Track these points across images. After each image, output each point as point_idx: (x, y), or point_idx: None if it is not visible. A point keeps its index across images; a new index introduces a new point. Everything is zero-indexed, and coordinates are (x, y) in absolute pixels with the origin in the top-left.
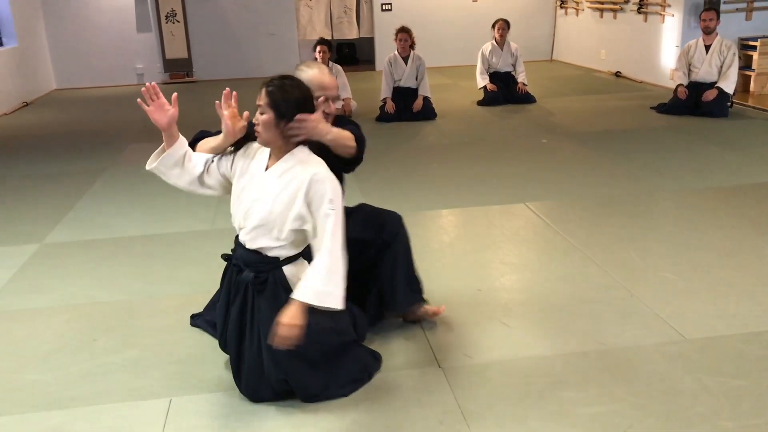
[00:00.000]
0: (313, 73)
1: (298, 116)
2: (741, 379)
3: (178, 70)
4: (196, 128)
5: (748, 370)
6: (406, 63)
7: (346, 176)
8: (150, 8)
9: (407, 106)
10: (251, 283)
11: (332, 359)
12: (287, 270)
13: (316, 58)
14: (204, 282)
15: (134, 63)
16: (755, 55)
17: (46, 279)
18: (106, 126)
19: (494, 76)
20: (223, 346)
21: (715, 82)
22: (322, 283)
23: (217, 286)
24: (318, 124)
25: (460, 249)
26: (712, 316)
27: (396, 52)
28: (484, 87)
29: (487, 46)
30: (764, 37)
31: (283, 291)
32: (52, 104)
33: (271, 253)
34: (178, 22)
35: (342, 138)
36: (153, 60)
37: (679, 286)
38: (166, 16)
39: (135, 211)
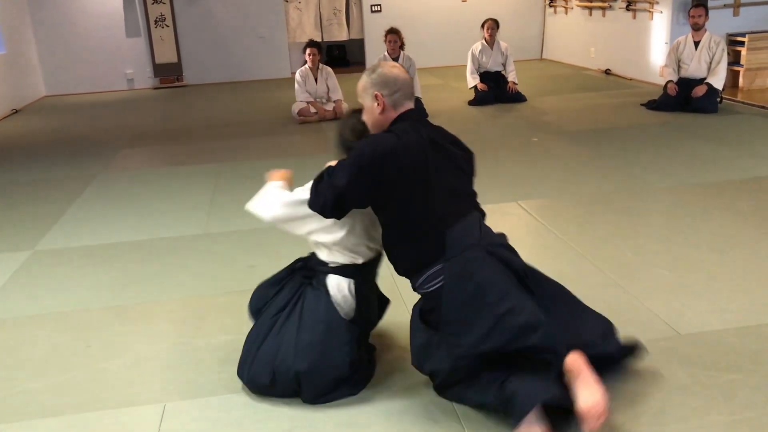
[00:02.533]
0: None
1: None
2: (734, 373)
3: (167, 75)
4: (186, 132)
5: (742, 364)
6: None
7: None
8: (139, 13)
9: None
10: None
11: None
12: (330, 279)
13: (305, 61)
14: (197, 287)
15: (124, 68)
16: (743, 51)
17: (39, 286)
18: (97, 132)
19: (485, 76)
20: (255, 314)
21: (705, 78)
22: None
23: (212, 290)
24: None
25: None
26: (705, 311)
27: (386, 53)
28: (475, 87)
29: (477, 46)
30: (752, 32)
31: (324, 294)
32: (41, 111)
33: (320, 256)
34: (168, 26)
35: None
36: (143, 65)
37: (672, 282)
38: (155, 21)
39: (127, 216)
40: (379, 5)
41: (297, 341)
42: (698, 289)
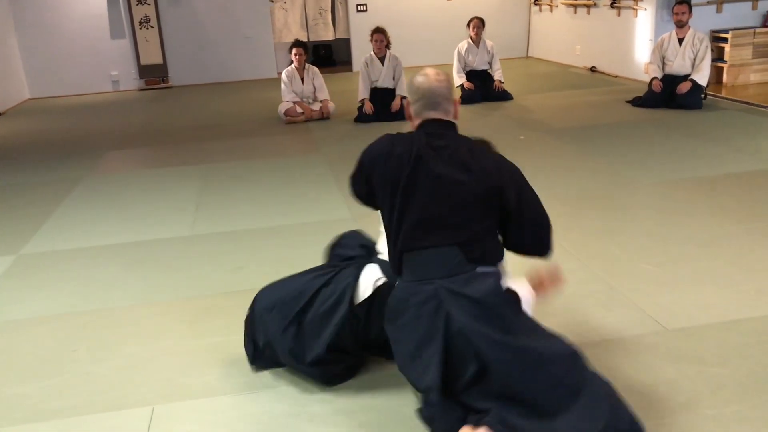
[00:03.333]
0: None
1: None
2: (721, 367)
3: (153, 76)
4: (172, 133)
5: (728, 357)
6: (382, 63)
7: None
8: (123, 14)
9: (385, 107)
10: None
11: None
12: (369, 266)
13: (291, 61)
14: (185, 289)
15: (109, 70)
16: (727, 47)
17: (25, 290)
18: (83, 134)
19: (471, 75)
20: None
21: (689, 75)
22: None
23: (199, 292)
24: None
25: None
26: (691, 305)
27: (372, 53)
28: (461, 85)
29: (463, 45)
30: (735, 29)
31: (354, 277)
32: (26, 114)
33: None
34: (152, 27)
35: None
36: (128, 66)
37: (658, 277)
38: (140, 22)
39: (114, 218)
40: (365, 5)
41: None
42: (684, 284)
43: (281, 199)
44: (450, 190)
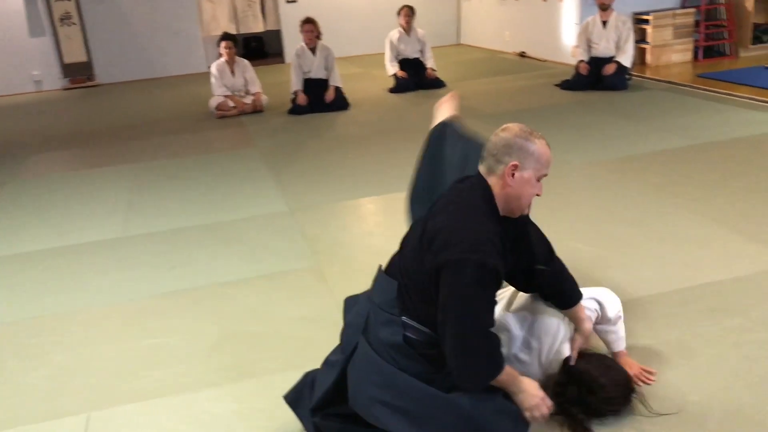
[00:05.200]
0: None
1: None
2: (649, 338)
3: (78, 75)
4: (101, 133)
5: (656, 329)
6: (314, 54)
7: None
8: (42, 11)
9: (319, 98)
10: None
11: None
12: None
13: (221, 54)
14: (118, 292)
15: (30, 69)
16: (649, 29)
17: None
18: (4, 137)
19: (403, 63)
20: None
21: (614, 57)
22: None
23: (132, 295)
24: None
25: (382, 236)
26: (621, 281)
27: (303, 44)
28: (395, 74)
29: (394, 34)
30: (656, 11)
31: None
32: None
33: None
34: (74, 24)
35: None
36: (50, 65)
37: (590, 255)
38: (61, 19)
39: (40, 224)
40: None
41: None
42: (616, 261)
43: (215, 196)
44: (412, 255)
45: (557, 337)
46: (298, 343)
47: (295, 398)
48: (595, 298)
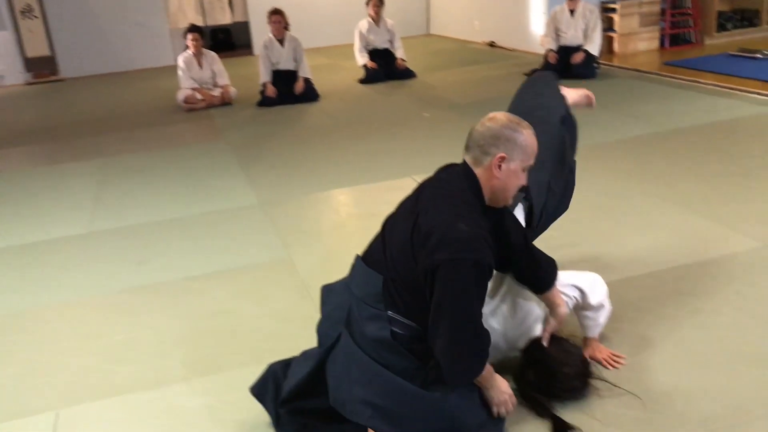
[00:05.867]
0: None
1: None
2: (618, 321)
3: (41, 69)
4: (66, 127)
5: (624, 314)
6: (282, 45)
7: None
8: (2, 4)
9: (288, 89)
10: None
11: None
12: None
13: (187, 46)
14: (85, 288)
15: None
16: (616, 17)
17: None
18: None
19: (373, 54)
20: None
21: (582, 46)
22: None
23: (99, 291)
24: None
25: (352, 227)
26: (591, 267)
27: (271, 35)
28: (365, 65)
29: (364, 24)
30: (623, 0)
31: None
32: None
33: None
34: (36, 17)
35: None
36: (12, 60)
37: (560, 242)
38: (22, 12)
39: (5, 220)
40: None
41: None
42: (586, 249)
43: (184, 190)
44: (399, 238)
45: (531, 313)
46: (268, 337)
47: (261, 390)
48: (576, 285)
